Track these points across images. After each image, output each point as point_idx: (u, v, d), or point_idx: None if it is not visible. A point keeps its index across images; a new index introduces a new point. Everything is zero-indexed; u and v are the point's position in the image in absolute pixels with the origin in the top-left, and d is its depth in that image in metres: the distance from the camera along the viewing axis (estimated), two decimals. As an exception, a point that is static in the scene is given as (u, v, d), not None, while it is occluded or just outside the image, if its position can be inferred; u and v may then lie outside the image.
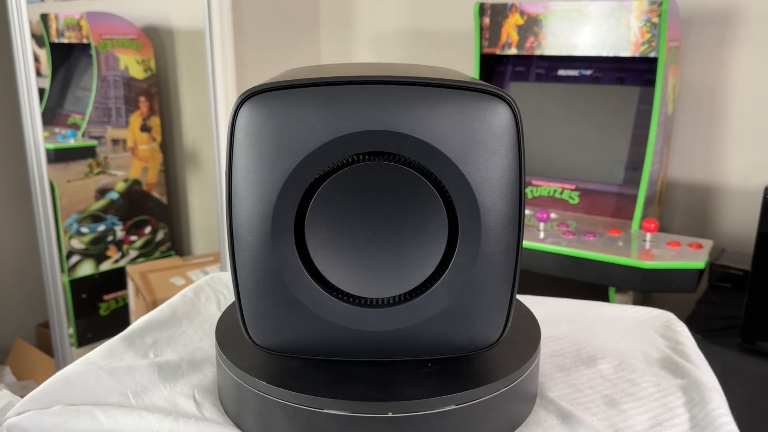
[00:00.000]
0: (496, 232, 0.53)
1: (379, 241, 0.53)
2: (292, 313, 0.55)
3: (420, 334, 0.55)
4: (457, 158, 0.51)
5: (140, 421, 0.58)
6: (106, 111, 2.46)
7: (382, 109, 0.50)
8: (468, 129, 0.51)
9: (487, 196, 0.52)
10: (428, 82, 0.51)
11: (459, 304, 0.55)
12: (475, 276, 0.54)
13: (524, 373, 0.59)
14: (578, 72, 1.73)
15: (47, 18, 2.53)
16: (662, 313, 0.84)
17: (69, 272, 2.34)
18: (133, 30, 2.49)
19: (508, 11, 1.70)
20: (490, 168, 0.52)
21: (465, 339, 0.56)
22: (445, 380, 0.56)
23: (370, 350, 0.56)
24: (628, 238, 1.49)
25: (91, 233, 2.42)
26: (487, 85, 0.52)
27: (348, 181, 0.52)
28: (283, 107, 0.51)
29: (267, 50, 2.33)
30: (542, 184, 1.74)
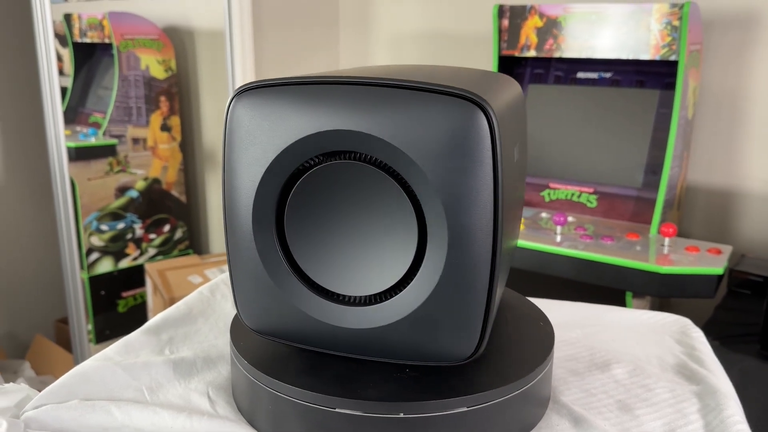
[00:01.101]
0: (464, 243, 0.50)
1: (352, 240, 0.54)
2: (273, 301, 0.57)
3: (390, 338, 0.55)
4: (424, 163, 0.50)
5: (154, 417, 0.59)
6: (126, 110, 2.49)
7: (352, 110, 0.51)
8: (435, 133, 0.49)
9: (455, 204, 0.50)
10: (397, 84, 0.50)
11: (426, 314, 0.53)
12: (443, 286, 0.52)
13: (536, 377, 0.59)
14: (598, 75, 1.72)
15: (70, 18, 2.56)
16: (678, 318, 0.83)
17: (88, 269, 2.37)
18: (155, 30, 2.52)
19: (527, 13, 1.69)
20: (458, 176, 0.49)
21: (435, 349, 0.55)
22: (457, 382, 0.56)
23: (345, 346, 0.57)
24: (646, 243, 1.48)
25: (110, 231, 2.44)
26: (459, 89, 0.49)
27: (324, 178, 0.53)
28: (265, 104, 0.53)
29: (286, 51, 2.35)
30: (560, 187, 1.73)
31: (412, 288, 0.53)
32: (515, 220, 0.63)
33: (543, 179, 1.76)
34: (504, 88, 0.61)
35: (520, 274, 1.57)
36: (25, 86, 2.18)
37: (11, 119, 2.28)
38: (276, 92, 0.53)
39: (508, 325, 0.67)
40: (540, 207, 1.75)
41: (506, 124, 0.54)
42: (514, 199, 0.60)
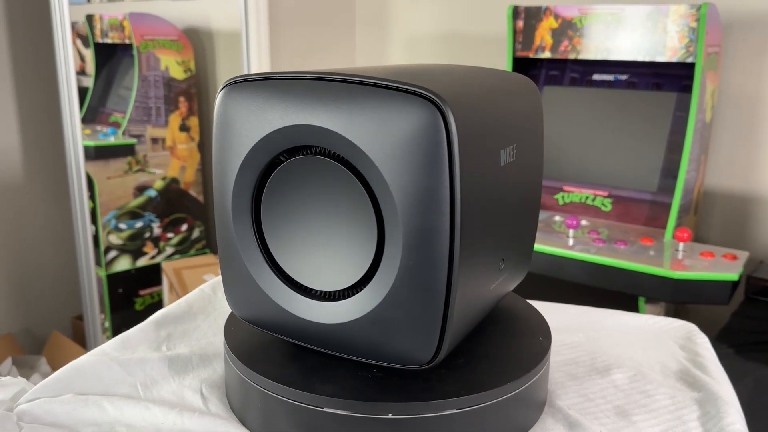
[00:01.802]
0: (417, 244, 0.49)
1: (319, 235, 0.55)
2: (252, 289, 0.58)
3: (352, 336, 0.55)
4: (380, 161, 0.49)
5: (146, 413, 0.59)
6: (146, 110, 2.52)
7: (314, 105, 0.51)
8: (391, 131, 0.48)
9: (409, 204, 0.49)
10: (358, 81, 0.50)
11: (384, 315, 0.52)
12: (399, 288, 0.51)
13: (530, 380, 0.58)
14: (614, 77, 1.70)
15: (92, 19, 2.59)
16: (684, 324, 0.81)
17: (106, 267, 2.40)
18: (174, 31, 2.54)
19: (543, 14, 1.68)
20: (412, 174, 0.48)
21: (394, 351, 0.54)
22: (448, 384, 0.56)
23: (314, 339, 0.57)
24: (660, 248, 1.46)
25: (128, 229, 2.47)
26: (417, 87, 0.48)
27: (294, 172, 0.54)
28: (243, 98, 0.54)
29: (302, 52, 2.35)
30: (574, 191, 1.71)
31: (371, 287, 0.53)
32: (505, 225, 0.59)
33: (557, 182, 1.74)
34: (499, 89, 0.60)
35: (532, 278, 1.55)
36: (45, 86, 2.21)
37: (31, 118, 2.31)
38: (253, 86, 0.54)
39: (503, 327, 0.67)
40: (554, 210, 1.73)
41: (483, 125, 0.52)
42: (500, 203, 0.56)
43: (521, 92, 0.63)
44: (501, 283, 0.62)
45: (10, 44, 2.22)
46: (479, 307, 0.58)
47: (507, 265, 0.61)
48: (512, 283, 0.67)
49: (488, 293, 0.59)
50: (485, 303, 0.60)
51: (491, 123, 0.54)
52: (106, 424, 0.58)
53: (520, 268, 0.67)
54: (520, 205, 0.62)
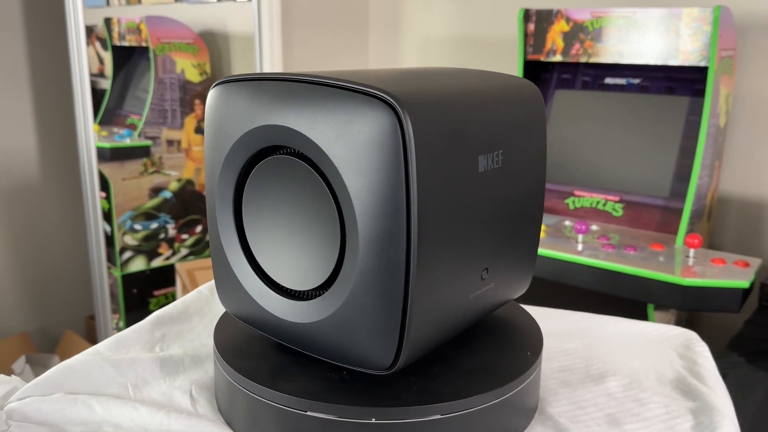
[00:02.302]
0: (374, 247, 0.49)
1: (290, 234, 0.55)
2: (235, 285, 0.60)
3: (319, 336, 0.55)
4: (338, 162, 0.49)
5: (133, 413, 0.59)
6: (162, 113, 2.54)
7: (283, 106, 0.52)
8: (348, 133, 0.48)
9: (365, 206, 0.48)
10: (322, 82, 0.50)
11: (345, 317, 0.52)
12: (357, 291, 0.51)
13: (517, 386, 0.57)
14: (626, 80, 1.68)
15: (110, 22, 2.62)
16: (684, 332, 0.80)
17: (121, 267, 2.42)
18: (190, 34, 2.56)
19: (554, 17, 1.67)
20: (368, 177, 0.48)
21: (356, 355, 0.54)
22: (433, 388, 0.55)
23: (287, 337, 0.58)
24: (670, 254, 1.44)
25: (144, 230, 2.49)
26: (376, 88, 0.48)
27: (270, 171, 0.55)
28: (227, 97, 0.56)
29: (315, 56, 2.36)
30: (584, 195, 1.70)
31: (333, 289, 0.53)
32: (486, 234, 0.57)
33: (568, 186, 1.73)
34: (487, 94, 0.58)
35: (540, 283, 1.54)
36: (61, 88, 2.25)
37: (47, 120, 2.34)
38: (236, 87, 0.55)
39: (494, 334, 0.66)
40: (564, 215, 1.71)
41: (454, 130, 0.51)
42: (477, 210, 0.55)
43: (518, 98, 0.61)
44: (487, 293, 0.60)
45: (27, 47, 2.25)
46: (454, 316, 0.57)
47: (494, 276, 0.60)
48: (508, 293, 0.65)
49: (466, 303, 0.57)
50: (462, 312, 0.58)
51: (466, 128, 0.53)
52: (93, 423, 0.58)
53: (517, 279, 0.65)
54: (510, 214, 0.60)
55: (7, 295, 2.31)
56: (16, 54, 2.24)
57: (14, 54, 2.23)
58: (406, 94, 0.48)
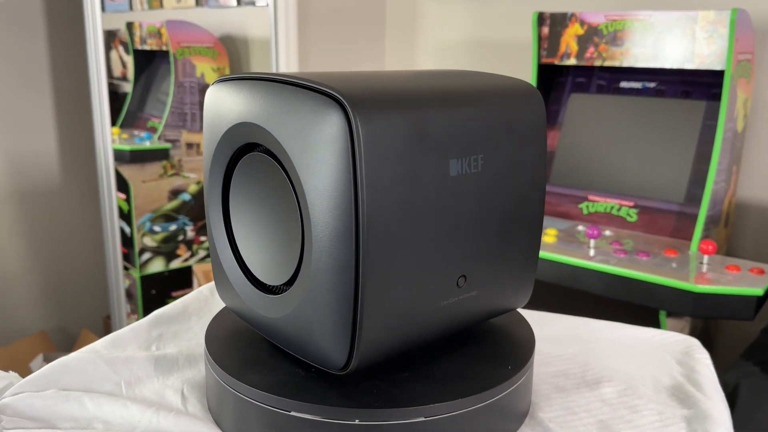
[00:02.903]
0: (326, 246, 0.49)
1: (265, 230, 0.57)
2: (224, 277, 0.62)
3: (287, 331, 0.56)
4: (296, 160, 0.50)
5: (123, 411, 0.60)
6: (181, 116, 2.57)
7: (255, 104, 0.53)
8: (304, 131, 0.49)
9: (319, 205, 0.49)
10: (286, 81, 0.51)
11: (303, 315, 0.53)
12: (313, 289, 0.51)
13: (504, 390, 0.57)
14: (641, 84, 1.66)
15: (132, 26, 2.66)
16: (686, 338, 0.79)
17: (141, 268, 2.45)
18: (210, 38, 2.59)
19: (568, 21, 1.65)
20: (321, 176, 0.48)
21: (315, 353, 0.54)
22: (418, 391, 0.55)
23: (265, 330, 0.60)
24: (684, 260, 1.41)
25: (163, 232, 2.52)
26: (329, 88, 0.48)
27: (249, 168, 0.57)
28: (218, 96, 0.57)
29: (332, 60, 2.37)
30: (598, 200, 1.68)
31: (296, 285, 0.54)
32: (461, 240, 0.55)
33: (582, 191, 1.71)
34: (471, 97, 0.56)
35: (550, 288, 1.53)
36: (81, 93, 2.28)
37: (68, 124, 2.39)
38: (225, 86, 0.57)
39: (485, 338, 0.65)
40: (578, 220, 1.70)
41: (417, 132, 0.50)
42: (448, 215, 0.54)
43: (511, 100, 0.59)
44: (467, 302, 0.58)
45: (49, 53, 2.30)
46: (422, 322, 0.56)
47: (475, 284, 0.58)
48: (500, 303, 0.63)
49: (438, 309, 0.56)
50: (433, 319, 0.56)
51: (434, 131, 0.52)
52: (84, 420, 0.59)
53: (511, 289, 0.63)
54: (496, 221, 0.58)
55: (27, 295, 2.35)
56: (39, 60, 2.28)
57: (37, 60, 2.28)
58: (363, 95, 0.48)
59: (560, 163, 1.76)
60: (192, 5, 2.65)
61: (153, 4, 2.70)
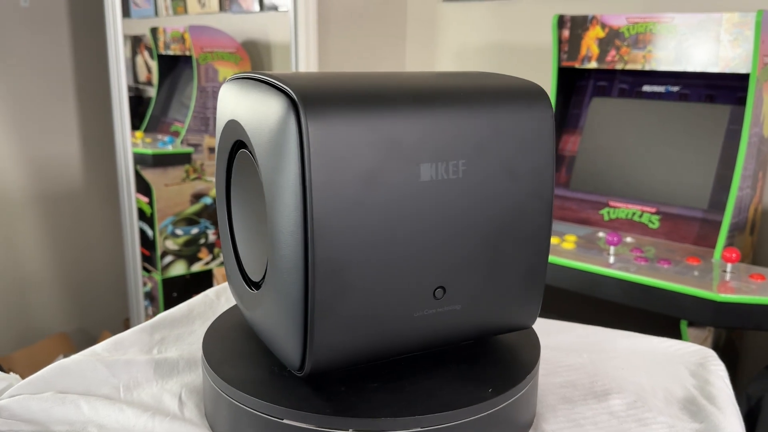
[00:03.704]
0: (281, 245, 0.48)
1: (249, 226, 0.58)
2: (228, 271, 0.63)
3: (260, 329, 0.57)
4: (260, 158, 0.50)
5: (119, 415, 0.59)
6: (204, 120, 2.58)
7: (240, 101, 0.54)
8: (266, 129, 0.49)
9: (275, 204, 0.48)
10: (256, 78, 0.52)
11: (269, 312, 0.53)
12: (274, 287, 0.51)
13: (503, 402, 0.55)
14: (664, 88, 1.63)
15: (156, 31, 2.69)
16: (701, 349, 0.76)
17: (162, 271, 2.47)
18: (233, 44, 2.60)
19: (589, 23, 1.63)
20: (277, 174, 0.48)
21: (279, 351, 0.54)
22: (415, 399, 0.53)
23: (251, 326, 0.61)
24: (706, 268, 1.38)
25: (184, 235, 2.53)
26: (289, 86, 0.48)
27: (241, 164, 0.57)
28: (222, 95, 0.59)
29: (352, 64, 2.37)
30: (620, 206, 1.64)
31: (265, 284, 0.54)
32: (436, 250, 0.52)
33: (602, 197, 1.68)
34: (457, 100, 0.53)
35: (568, 296, 1.50)
36: (103, 98, 2.31)
37: (91, 129, 2.42)
38: (228, 85, 0.58)
39: (490, 347, 0.64)
40: (598, 226, 1.66)
41: (381, 134, 0.48)
42: (418, 222, 0.51)
43: (510, 104, 0.55)
44: (449, 315, 0.55)
45: (73, 59, 2.33)
46: (390, 330, 0.53)
47: (458, 299, 0.54)
48: (498, 320, 0.59)
49: (409, 320, 0.53)
50: (406, 329, 0.54)
51: (400, 133, 0.49)
52: (79, 423, 0.58)
53: (510, 306, 0.59)
54: (484, 231, 0.54)
55: (49, 296, 2.38)
56: (63, 64, 2.32)
57: (61, 64, 2.31)
58: (321, 95, 0.48)
59: (581, 168, 1.72)
60: (216, 11, 2.67)
61: (177, 10, 2.73)
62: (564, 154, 1.77)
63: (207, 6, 2.67)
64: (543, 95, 0.56)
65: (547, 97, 0.56)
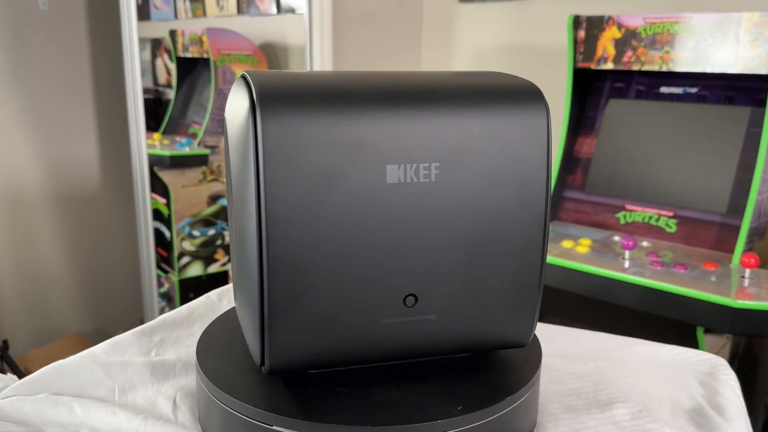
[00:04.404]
0: (240, 241, 0.50)
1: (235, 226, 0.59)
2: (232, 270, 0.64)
3: (242, 327, 0.59)
4: (232, 156, 0.52)
5: (111, 418, 0.59)
6: (221, 122, 2.59)
7: (229, 101, 0.56)
8: (233, 126, 0.51)
9: (237, 200, 0.49)
10: (244, 76, 0.52)
11: (242, 311, 0.54)
12: (242, 285, 0.51)
13: (497, 413, 0.53)
14: (682, 90, 1.59)
15: (175, 34, 2.71)
16: (712, 358, 0.73)
17: (179, 272, 2.48)
18: (250, 46, 2.61)
19: (605, 24, 1.60)
20: (239, 170, 0.48)
21: (250, 349, 0.55)
22: (406, 408, 0.52)
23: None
24: (724, 274, 1.34)
25: (201, 237, 2.54)
26: (254, 83, 0.48)
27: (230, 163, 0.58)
28: (230, 92, 0.58)
29: (366, 67, 2.36)
30: (636, 209, 1.61)
31: (238, 281, 0.56)
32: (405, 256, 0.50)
33: (619, 200, 1.65)
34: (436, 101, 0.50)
35: (582, 301, 1.47)
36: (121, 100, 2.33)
37: (108, 131, 2.44)
38: (235, 83, 0.57)
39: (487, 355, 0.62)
40: (614, 230, 1.64)
41: (342, 133, 0.47)
42: (384, 225, 0.49)
43: (499, 105, 0.51)
44: (423, 325, 0.53)
45: (91, 58, 2.35)
46: (359, 336, 0.52)
47: (433, 308, 0.52)
48: (479, 334, 0.56)
49: (377, 326, 0.52)
50: (376, 335, 0.52)
51: (364, 133, 0.48)
52: (71, 425, 0.58)
53: (498, 322, 0.55)
54: (460, 240, 0.51)
55: (66, 296, 2.40)
56: (81, 66, 2.34)
57: (79, 66, 2.34)
58: (282, 93, 0.48)
59: (597, 170, 1.70)
60: (234, 13, 2.68)
61: (197, 13, 2.74)
62: (579, 156, 1.75)
63: (225, 9, 2.68)
64: (537, 95, 0.52)
65: (541, 98, 0.52)
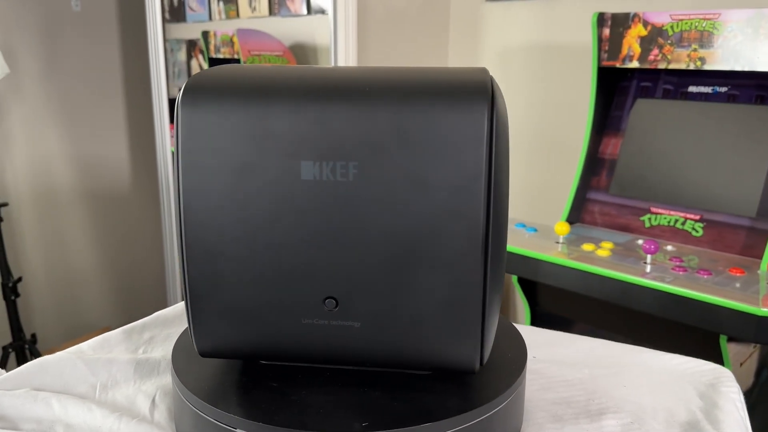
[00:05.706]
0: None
1: None
2: None
3: None
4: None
5: (87, 414, 0.58)
6: (249, 122, 2.61)
7: None
8: None
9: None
10: None
11: None
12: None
13: (475, 418, 0.51)
14: (711, 89, 1.54)
15: (207, 35, 2.74)
16: (716, 368, 0.70)
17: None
18: (280, 47, 2.62)
19: (630, 21, 1.55)
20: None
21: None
22: (384, 413, 0.51)
23: None
24: (751, 280, 1.29)
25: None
26: (197, 76, 0.50)
27: None
28: None
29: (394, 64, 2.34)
30: (662, 212, 1.56)
31: None
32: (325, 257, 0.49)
33: (644, 203, 1.60)
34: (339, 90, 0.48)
35: (601, 306, 1.43)
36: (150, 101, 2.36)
37: (138, 128, 2.47)
38: None
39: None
40: (639, 233, 1.59)
41: (256, 128, 0.47)
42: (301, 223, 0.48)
43: (432, 103, 0.46)
44: (345, 331, 0.51)
45: (122, 60, 2.40)
46: (280, 333, 0.52)
47: (356, 315, 0.50)
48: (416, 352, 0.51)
49: (300, 326, 0.51)
50: (297, 334, 0.51)
51: (279, 127, 0.47)
52: (47, 421, 0.58)
53: (435, 340, 0.50)
54: (383, 248, 0.48)
55: (94, 292, 2.45)
56: (112, 67, 2.38)
57: (110, 67, 2.38)
58: (204, 85, 0.48)
59: (622, 172, 1.65)
60: (266, 14, 2.70)
61: (230, 14, 2.77)
62: (604, 157, 1.70)
63: (258, 10, 2.70)
64: (479, 91, 0.46)
65: (485, 94, 0.46)
